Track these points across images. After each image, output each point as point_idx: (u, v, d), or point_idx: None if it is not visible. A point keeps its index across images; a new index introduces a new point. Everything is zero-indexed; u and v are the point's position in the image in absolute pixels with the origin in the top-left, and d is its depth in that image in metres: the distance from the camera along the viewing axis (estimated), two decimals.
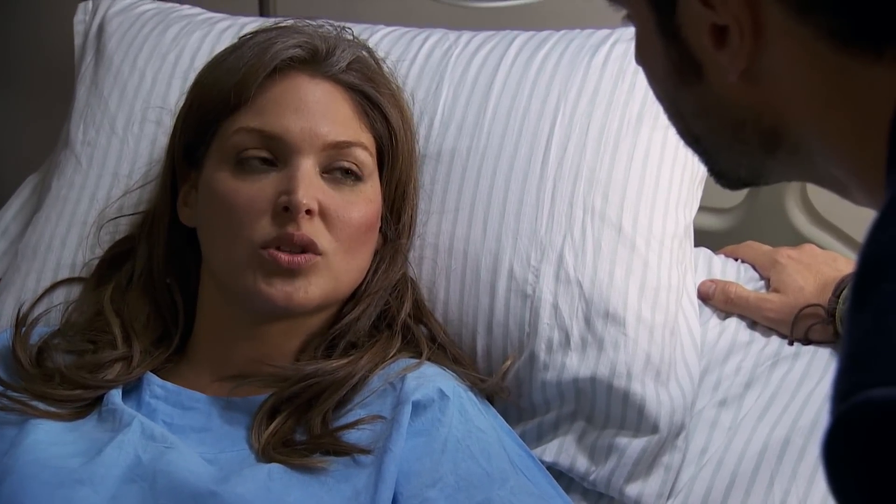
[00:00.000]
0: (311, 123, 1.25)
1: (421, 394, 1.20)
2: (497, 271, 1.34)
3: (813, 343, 1.40)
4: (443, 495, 1.16)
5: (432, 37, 1.49)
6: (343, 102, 1.28)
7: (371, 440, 1.18)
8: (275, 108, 1.26)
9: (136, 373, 1.28)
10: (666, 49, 0.80)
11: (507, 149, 1.37)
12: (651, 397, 1.30)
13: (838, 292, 1.36)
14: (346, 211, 1.25)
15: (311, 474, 1.16)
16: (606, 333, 1.31)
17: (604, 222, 1.34)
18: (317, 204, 1.23)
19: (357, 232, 1.26)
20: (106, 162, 1.47)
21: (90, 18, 1.60)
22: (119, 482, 1.16)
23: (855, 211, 1.58)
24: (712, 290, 1.43)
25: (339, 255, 1.24)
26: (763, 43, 0.75)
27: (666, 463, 1.32)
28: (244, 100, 1.26)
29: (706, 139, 0.83)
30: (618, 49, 1.42)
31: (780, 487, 1.27)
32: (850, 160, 0.76)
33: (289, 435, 1.20)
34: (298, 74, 1.28)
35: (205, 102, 1.30)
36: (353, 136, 1.27)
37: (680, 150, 1.37)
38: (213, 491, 1.14)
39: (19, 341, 1.31)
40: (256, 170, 1.25)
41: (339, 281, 1.26)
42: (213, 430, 1.23)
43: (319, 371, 1.23)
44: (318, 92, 1.27)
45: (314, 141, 1.25)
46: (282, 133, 1.25)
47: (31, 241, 1.47)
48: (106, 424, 1.23)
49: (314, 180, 1.24)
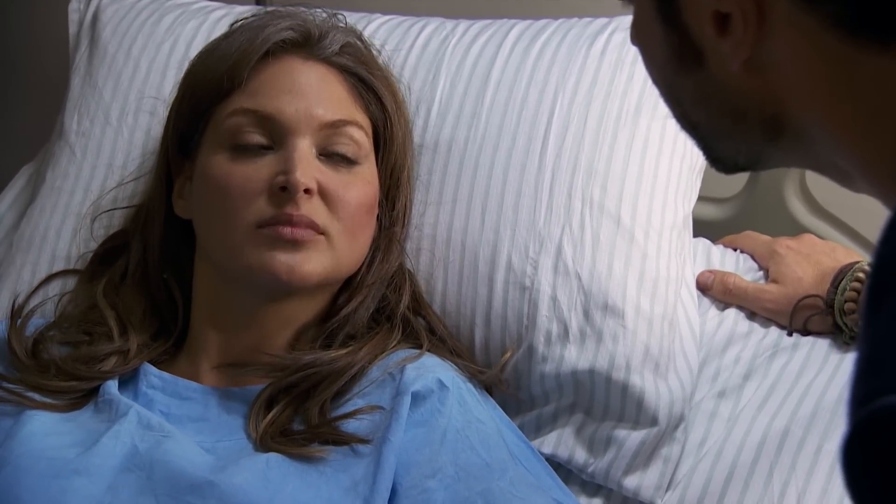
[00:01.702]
0: (306, 104, 1.25)
1: (420, 384, 1.19)
2: (495, 263, 1.33)
3: (812, 334, 1.39)
4: (442, 486, 1.15)
5: (429, 26, 1.48)
6: (337, 84, 1.28)
7: (369, 430, 1.17)
8: (269, 90, 1.26)
9: (132, 364, 1.27)
10: (666, 34, 0.79)
11: (505, 139, 1.37)
12: (650, 390, 1.30)
13: (836, 283, 1.36)
14: (346, 191, 1.25)
15: (310, 464, 1.16)
16: (605, 325, 1.31)
17: (602, 213, 1.33)
18: (315, 183, 1.23)
19: (357, 212, 1.26)
20: (100, 153, 1.46)
21: (84, 7, 1.59)
22: (116, 472, 1.15)
23: (854, 201, 1.58)
24: (710, 281, 1.43)
25: (342, 235, 1.24)
26: (766, 31, 0.74)
27: (665, 455, 1.32)
28: (237, 83, 1.26)
29: (705, 126, 0.83)
30: (616, 38, 1.41)
31: (779, 478, 1.27)
32: (854, 150, 0.75)
33: (287, 424, 1.20)
34: (291, 57, 1.28)
35: (197, 91, 1.30)
36: (349, 115, 1.27)
37: (679, 141, 1.37)
38: (211, 481, 1.13)
39: (15, 333, 1.31)
40: (252, 152, 1.25)
41: (340, 262, 1.25)
42: (210, 420, 1.23)
43: (318, 361, 1.22)
44: (311, 74, 1.27)
45: (310, 121, 1.24)
46: (276, 114, 1.24)
47: (25, 233, 1.46)
48: (102, 415, 1.23)
49: (311, 160, 1.24)
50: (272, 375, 1.23)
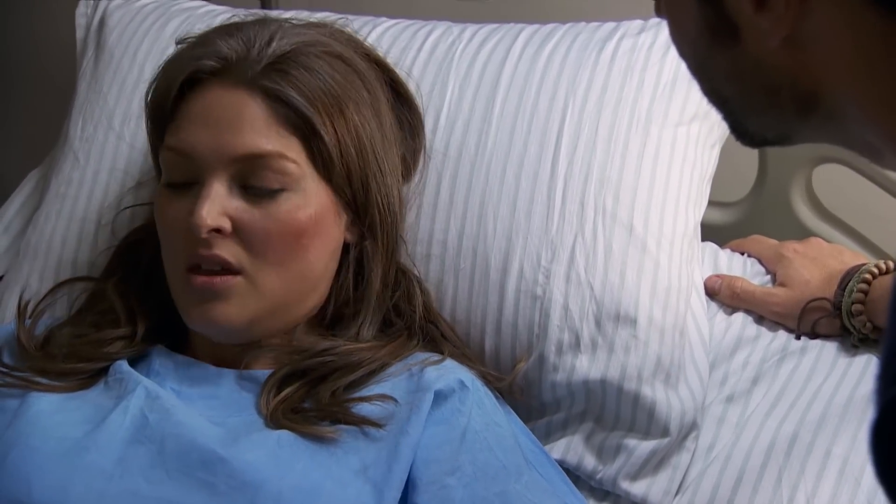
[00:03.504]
0: (218, 137, 1.20)
1: (443, 383, 1.19)
2: (507, 271, 1.33)
3: (820, 337, 1.39)
4: (461, 484, 1.16)
5: (436, 30, 1.47)
6: (257, 109, 1.21)
7: (381, 416, 1.17)
8: (188, 124, 1.22)
9: (139, 348, 1.27)
10: (700, 8, 0.78)
11: (516, 147, 1.36)
12: (661, 401, 1.30)
13: (844, 285, 1.35)
14: (264, 223, 1.20)
15: (320, 444, 1.16)
16: (617, 336, 1.30)
17: (615, 222, 1.33)
18: (226, 221, 1.19)
19: (282, 243, 1.21)
20: (103, 158, 1.46)
21: (92, 12, 1.58)
22: (125, 444, 1.16)
23: (860, 204, 1.59)
24: (718, 286, 1.43)
25: (265, 270, 1.21)
26: (808, 8, 0.73)
27: (674, 462, 1.32)
28: (168, 117, 1.25)
29: (736, 101, 0.81)
30: (625, 44, 1.40)
31: (787, 483, 1.27)
32: (888, 127, 0.75)
33: (298, 403, 1.20)
34: (213, 87, 1.22)
35: (149, 121, 1.30)
36: (268, 145, 1.20)
37: (689, 148, 1.37)
38: (222, 457, 1.13)
39: (24, 331, 1.31)
40: (181, 189, 1.23)
41: (274, 296, 1.22)
42: (221, 397, 1.23)
43: (336, 349, 1.22)
44: (228, 102, 1.21)
45: (220, 156, 1.20)
46: (190, 150, 1.21)
47: (31, 240, 1.46)
48: (111, 391, 1.23)
49: (221, 198, 1.19)
50: (288, 357, 1.23)
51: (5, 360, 1.28)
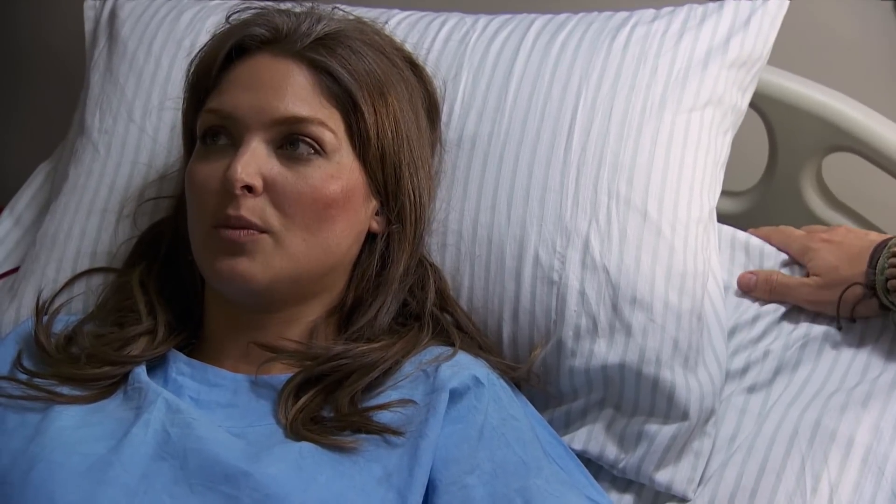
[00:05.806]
0: (261, 99, 1.23)
1: (458, 381, 1.19)
2: (522, 258, 1.34)
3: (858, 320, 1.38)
4: (481, 482, 1.16)
5: (449, 21, 1.48)
6: (302, 78, 1.24)
7: (402, 422, 1.17)
8: (232, 88, 1.25)
9: (161, 349, 1.28)
10: None
11: (529, 134, 1.37)
12: (680, 384, 1.30)
13: (874, 263, 1.34)
14: (297, 186, 1.22)
15: (343, 454, 1.16)
16: (634, 319, 1.31)
17: (629, 208, 1.33)
18: (259, 179, 1.21)
19: (313, 207, 1.23)
20: (125, 150, 1.46)
21: (101, 4, 1.59)
22: (148, 460, 1.15)
23: (870, 193, 1.60)
24: (753, 282, 1.42)
25: (293, 232, 1.22)
26: None
27: (696, 449, 1.32)
28: (212, 85, 1.27)
29: None
30: (638, 32, 1.41)
31: (811, 471, 1.27)
32: None
33: (316, 412, 1.20)
34: (261, 55, 1.26)
35: (190, 92, 1.31)
36: (309, 111, 1.23)
37: (703, 134, 1.37)
38: (245, 471, 1.13)
39: (41, 330, 1.31)
40: (217, 150, 1.24)
41: (296, 259, 1.23)
42: (239, 406, 1.23)
43: (349, 352, 1.22)
44: (275, 69, 1.25)
45: (262, 116, 1.22)
46: (232, 111, 1.24)
47: (49, 230, 1.46)
48: (131, 402, 1.23)
49: (259, 156, 1.22)
50: (301, 364, 1.23)
51: (25, 363, 1.29)
